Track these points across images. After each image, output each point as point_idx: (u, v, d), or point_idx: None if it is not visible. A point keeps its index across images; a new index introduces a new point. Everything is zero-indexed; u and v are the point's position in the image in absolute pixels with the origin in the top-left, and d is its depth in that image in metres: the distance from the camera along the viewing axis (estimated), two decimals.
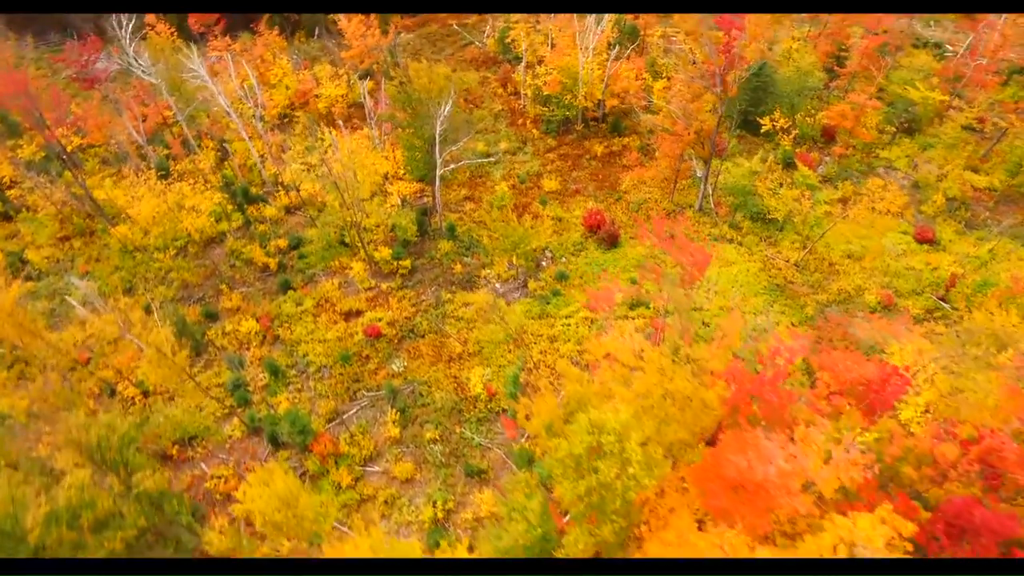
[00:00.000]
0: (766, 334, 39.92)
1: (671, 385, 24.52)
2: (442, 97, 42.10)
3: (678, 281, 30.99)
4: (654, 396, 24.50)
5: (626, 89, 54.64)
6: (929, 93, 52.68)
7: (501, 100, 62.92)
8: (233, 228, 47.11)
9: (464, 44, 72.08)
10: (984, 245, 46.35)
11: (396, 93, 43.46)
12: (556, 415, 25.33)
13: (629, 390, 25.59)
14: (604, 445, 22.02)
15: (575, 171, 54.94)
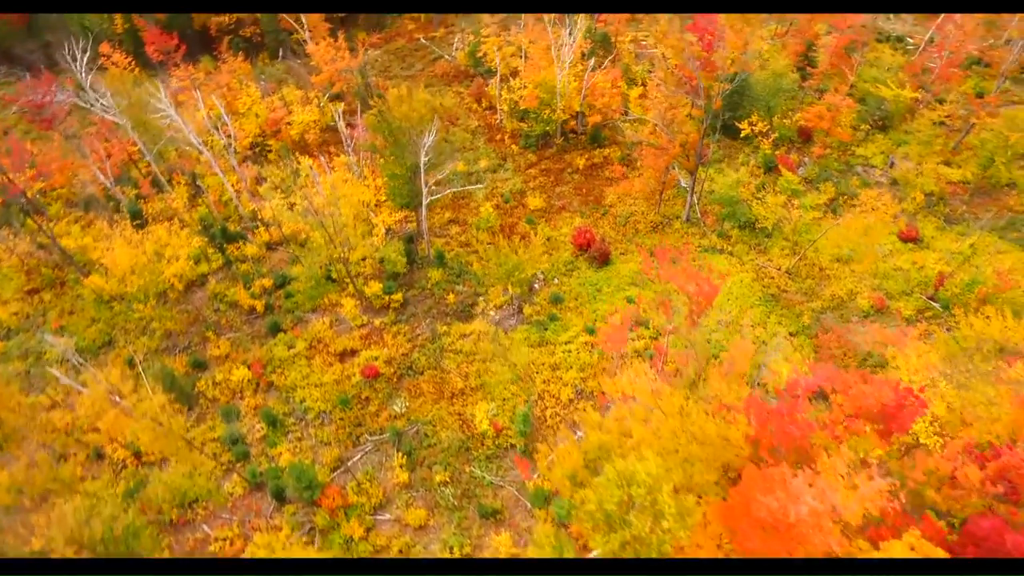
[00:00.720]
0: (766, 347, 40.11)
1: (693, 427, 24.19)
2: (424, 126, 41.06)
3: (686, 312, 30.64)
4: (677, 437, 24.13)
5: (607, 104, 54.21)
6: (901, 91, 53.46)
7: (477, 116, 62.01)
8: (214, 269, 45.45)
9: (433, 58, 70.88)
10: (965, 240, 47.26)
11: (375, 122, 42.26)
12: (579, 464, 24.82)
13: (648, 430, 25.20)
14: (635, 497, 21.61)
15: (558, 186, 54.43)
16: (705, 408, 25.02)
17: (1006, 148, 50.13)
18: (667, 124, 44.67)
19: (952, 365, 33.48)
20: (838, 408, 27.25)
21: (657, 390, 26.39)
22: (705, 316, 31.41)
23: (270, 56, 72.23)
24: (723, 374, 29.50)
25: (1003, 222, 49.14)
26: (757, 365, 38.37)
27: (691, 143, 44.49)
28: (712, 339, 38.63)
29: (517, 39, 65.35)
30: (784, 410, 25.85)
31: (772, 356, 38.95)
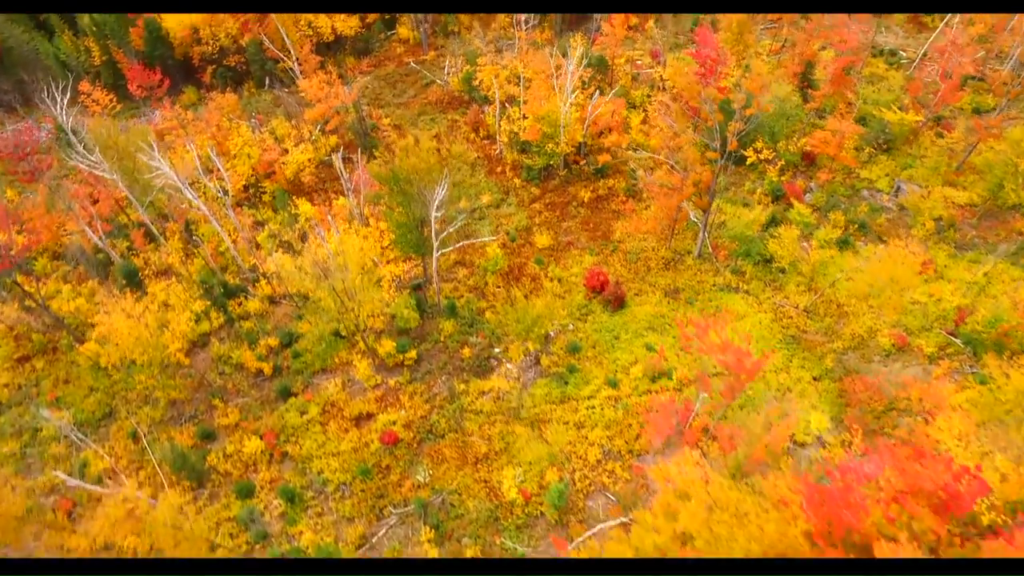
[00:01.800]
0: (790, 393, 39.46)
1: (751, 526, 23.25)
2: (434, 178, 39.60)
3: (721, 388, 29.66)
4: (735, 538, 23.18)
5: (615, 142, 53.02)
6: (905, 116, 53.06)
7: (475, 146, 60.50)
8: (215, 328, 43.59)
9: (425, 84, 69.13)
10: (979, 269, 47.01)
11: (381, 173, 40.64)
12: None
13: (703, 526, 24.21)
14: None
15: (564, 221, 53.27)
16: (760, 503, 24.10)
17: (1016, 174, 49.97)
18: (679, 162, 43.67)
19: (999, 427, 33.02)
20: (888, 484, 26.56)
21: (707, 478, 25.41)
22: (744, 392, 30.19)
23: (256, 85, 69.96)
24: (764, 445, 28.69)
25: (1015, 247, 49.00)
26: (784, 415, 37.71)
27: (704, 182, 43.57)
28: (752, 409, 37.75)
29: (512, 64, 64.01)
30: (838, 493, 25.05)
31: (797, 406, 38.37)
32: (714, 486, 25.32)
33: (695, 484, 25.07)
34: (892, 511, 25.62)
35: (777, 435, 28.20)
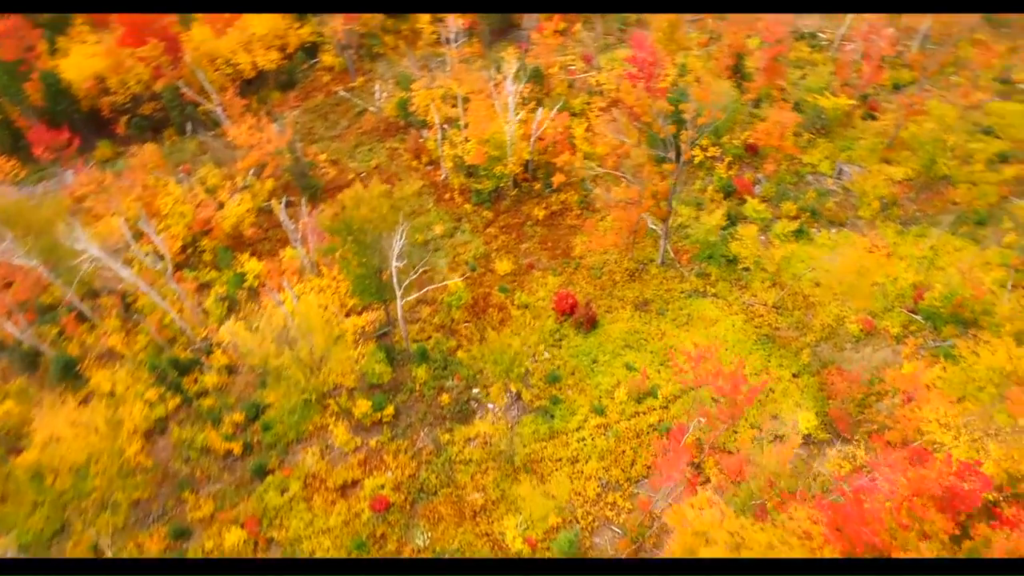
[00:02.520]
0: (773, 394, 39.64)
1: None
2: (390, 226, 37.79)
3: (723, 418, 29.23)
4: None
5: (566, 159, 52.07)
6: (838, 101, 54.35)
7: (419, 174, 58.64)
8: (172, 410, 40.52)
9: (358, 112, 66.57)
10: (925, 243, 48.61)
11: (332, 225, 38.52)
12: None
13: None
14: None
15: (522, 242, 52.17)
16: (783, 536, 23.73)
17: (945, 148, 51.93)
18: (635, 176, 43.26)
19: (975, 403, 33.94)
20: (896, 492, 26.70)
21: (723, 515, 24.88)
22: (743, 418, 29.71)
23: (177, 132, 65.73)
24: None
25: (952, 217, 50.96)
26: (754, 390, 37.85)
27: (662, 193, 43.27)
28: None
29: (446, 84, 62.36)
30: (853, 510, 24.99)
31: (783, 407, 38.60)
32: (732, 521, 24.85)
33: (712, 525, 24.51)
34: (904, 518, 25.77)
35: (781, 457, 28.00)
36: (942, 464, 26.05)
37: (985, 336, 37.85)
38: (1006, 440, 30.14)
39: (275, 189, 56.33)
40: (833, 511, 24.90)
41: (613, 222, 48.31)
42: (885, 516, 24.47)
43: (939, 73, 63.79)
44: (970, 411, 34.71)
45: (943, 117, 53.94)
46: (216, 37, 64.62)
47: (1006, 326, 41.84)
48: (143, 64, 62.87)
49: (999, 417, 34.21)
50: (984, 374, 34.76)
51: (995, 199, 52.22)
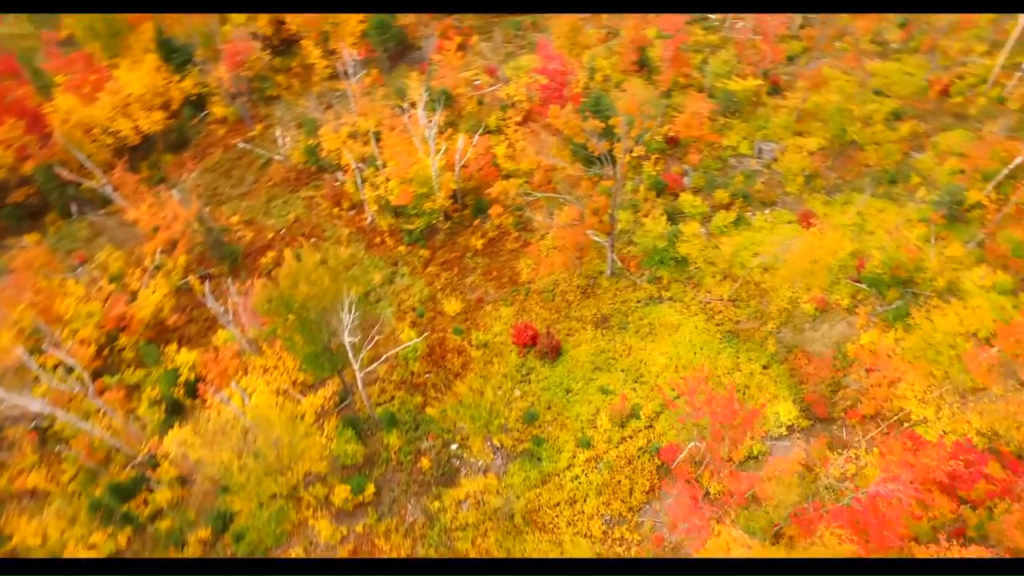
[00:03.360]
0: (748, 391, 39.87)
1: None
2: (333, 298, 35.09)
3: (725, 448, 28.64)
4: None
5: (501, 188, 50.39)
6: (746, 83, 55.47)
7: (342, 221, 55.51)
8: (124, 546, 36.21)
9: (263, 164, 62.32)
10: (851, 209, 50.39)
11: (268, 307, 35.32)
12: None
13: None
14: None
15: (466, 277, 50.32)
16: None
17: (852, 118, 54.08)
18: (573, 194, 42.32)
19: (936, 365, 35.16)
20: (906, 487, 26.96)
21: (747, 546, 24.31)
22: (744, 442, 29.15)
23: (61, 216, 59.42)
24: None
25: (868, 180, 53.15)
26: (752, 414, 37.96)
27: (602, 208, 42.54)
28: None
29: (353, 121, 59.41)
30: (872, 517, 25.00)
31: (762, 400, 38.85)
32: (762, 552, 24.34)
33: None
34: (916, 509, 26.05)
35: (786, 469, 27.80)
36: (937, 448, 26.59)
37: (934, 301, 39.45)
38: (979, 402, 31.25)
39: (190, 263, 51.84)
40: (853, 519, 24.84)
41: (556, 242, 47.22)
42: (903, 514, 24.63)
43: (828, 43, 66.56)
44: (935, 376, 36.05)
45: (843, 87, 56.13)
46: (86, 105, 58.79)
47: (938, 280, 44.08)
48: (3, 147, 56.41)
49: (961, 378, 35.70)
50: (940, 338, 36.10)
51: (899, 156, 54.89)
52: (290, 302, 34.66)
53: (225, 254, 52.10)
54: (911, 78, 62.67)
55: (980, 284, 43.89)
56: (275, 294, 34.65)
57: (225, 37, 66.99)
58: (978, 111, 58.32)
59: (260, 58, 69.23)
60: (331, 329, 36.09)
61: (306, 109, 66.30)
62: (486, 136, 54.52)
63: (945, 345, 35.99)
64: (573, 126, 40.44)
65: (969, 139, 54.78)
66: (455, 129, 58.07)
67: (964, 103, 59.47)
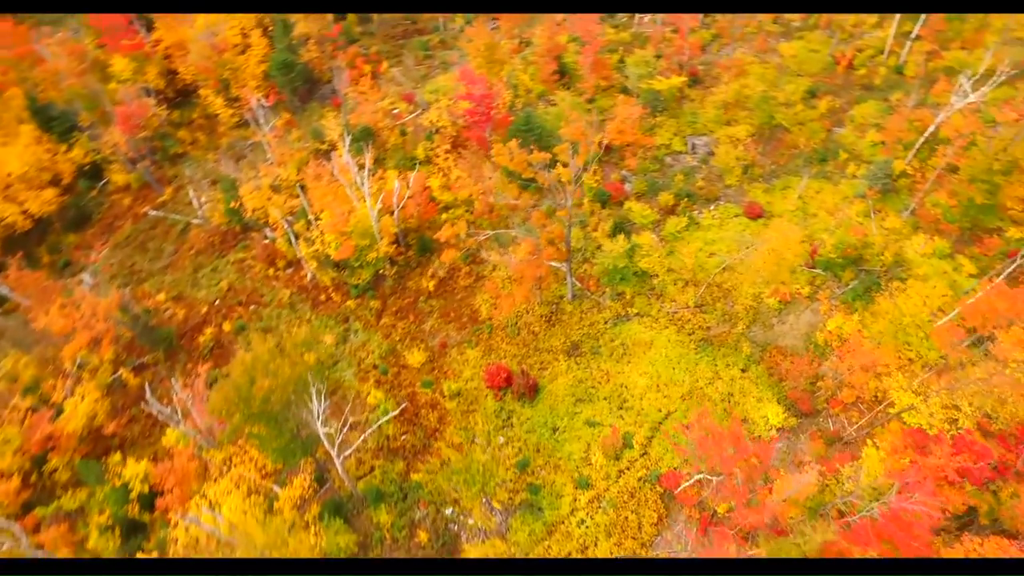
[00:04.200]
0: (732, 398, 39.68)
1: None
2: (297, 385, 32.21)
3: (742, 479, 27.84)
4: None
5: (450, 231, 48.00)
6: (671, 81, 55.46)
7: (281, 282, 51.87)
8: None
9: (181, 230, 57.45)
10: (792, 194, 51.27)
11: (224, 407, 31.99)
12: None
13: None
14: None
15: (423, 323, 47.98)
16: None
17: (779, 105, 55.04)
18: (527, 228, 40.83)
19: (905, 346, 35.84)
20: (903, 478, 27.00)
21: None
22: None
23: None
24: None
25: (800, 162, 54.30)
26: (742, 420, 37.81)
27: (558, 237, 41.27)
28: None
29: (272, 172, 55.86)
30: (896, 526, 24.83)
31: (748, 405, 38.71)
32: None
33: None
34: (935, 510, 26.07)
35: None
36: (939, 444, 26.78)
37: (896, 284, 40.40)
38: (958, 381, 31.90)
39: (119, 355, 46.99)
40: (879, 534, 24.60)
41: (514, 273, 45.53)
42: (925, 519, 24.60)
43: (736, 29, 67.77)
44: (905, 358, 36.85)
45: (764, 74, 57.11)
46: None
47: (885, 254, 45.40)
48: None
49: (931, 356, 36.63)
50: (908, 321, 36.90)
51: (823, 134, 56.42)
52: (249, 399, 31.55)
53: (157, 339, 47.64)
54: (817, 55, 64.57)
55: (921, 252, 45.54)
56: (232, 394, 31.41)
57: (113, 97, 61.47)
58: (882, 81, 60.78)
59: (157, 115, 64.09)
60: (299, 419, 33.20)
61: (218, 164, 61.91)
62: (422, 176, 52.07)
63: (913, 327, 36.82)
64: (519, 161, 38.82)
65: (881, 110, 56.89)
66: (383, 167, 55.46)
67: (869, 74, 61.79)
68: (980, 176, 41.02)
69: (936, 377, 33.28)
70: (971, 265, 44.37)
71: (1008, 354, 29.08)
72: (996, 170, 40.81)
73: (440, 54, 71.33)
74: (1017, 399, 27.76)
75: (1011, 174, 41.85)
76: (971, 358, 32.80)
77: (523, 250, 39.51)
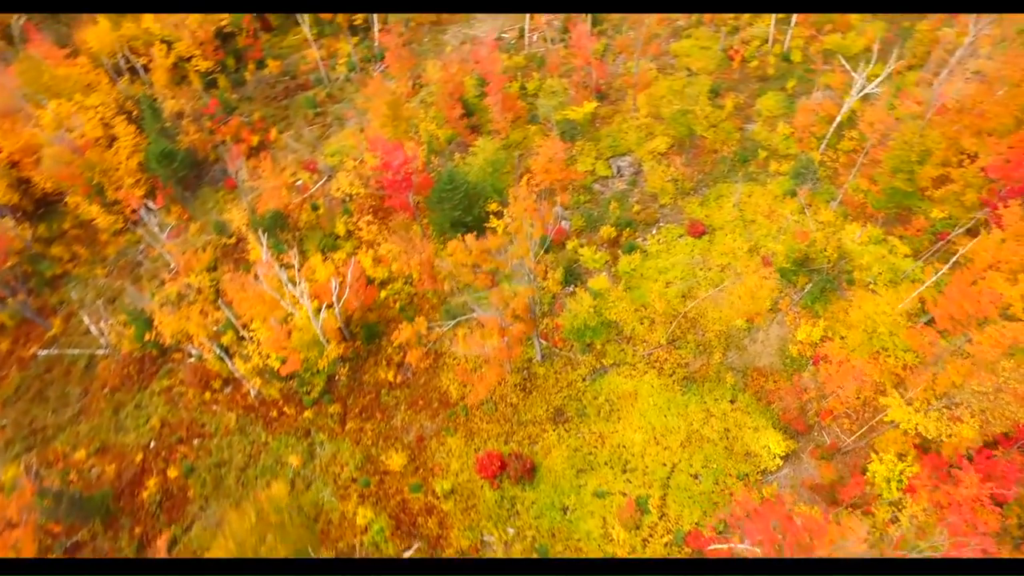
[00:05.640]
0: (728, 434, 39.42)
1: None
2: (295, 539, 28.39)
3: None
4: None
5: (406, 335, 44.29)
6: (584, 108, 54.30)
7: (222, 405, 46.52)
8: None
9: (86, 366, 50.17)
10: (726, 202, 51.70)
11: None
12: None
13: None
14: None
15: (392, 418, 44.51)
16: None
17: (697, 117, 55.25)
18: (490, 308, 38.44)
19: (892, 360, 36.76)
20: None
21: None
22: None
23: None
24: None
25: (725, 167, 54.94)
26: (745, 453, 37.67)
27: (523, 310, 39.14)
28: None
29: (180, 282, 50.17)
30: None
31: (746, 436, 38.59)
32: None
33: None
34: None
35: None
36: (966, 472, 27.22)
37: (851, 291, 41.39)
38: (956, 393, 32.65)
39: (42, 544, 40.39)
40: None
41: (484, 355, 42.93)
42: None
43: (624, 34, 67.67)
44: (887, 364, 37.83)
45: (671, 85, 57.19)
46: None
47: (827, 250, 46.71)
48: None
49: (907, 356, 37.77)
50: (884, 329, 37.80)
51: (736, 134, 57.36)
52: None
53: (89, 509, 41.43)
54: (709, 51, 65.59)
55: (858, 242, 47.19)
56: None
57: None
58: (774, 71, 62.60)
59: (19, 235, 55.95)
60: None
61: (110, 278, 54.99)
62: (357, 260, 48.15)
63: (885, 333, 37.81)
64: (479, 255, 36.27)
65: (781, 100, 58.39)
66: (304, 253, 51.06)
67: (762, 65, 63.51)
68: (901, 167, 42.73)
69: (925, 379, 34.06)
70: (904, 246, 46.40)
71: (986, 355, 30.03)
72: (913, 160, 42.62)
73: (331, 109, 66.69)
74: (1017, 407, 28.79)
75: (925, 161, 43.89)
76: (948, 357, 33.82)
77: (492, 336, 37.07)
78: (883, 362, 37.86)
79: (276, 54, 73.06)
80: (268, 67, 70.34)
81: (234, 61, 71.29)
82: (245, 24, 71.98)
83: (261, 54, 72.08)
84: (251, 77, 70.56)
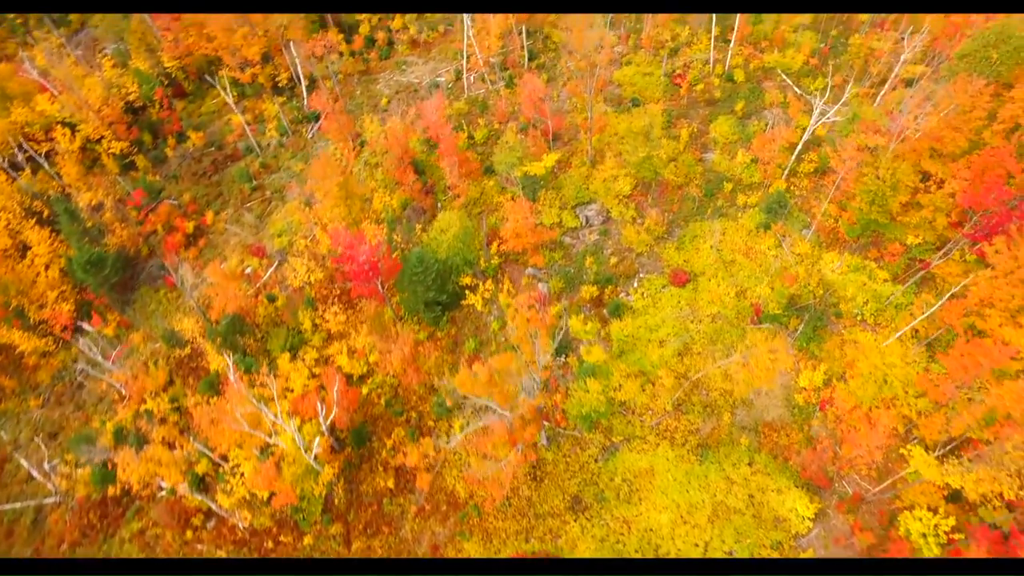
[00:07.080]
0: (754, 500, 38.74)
1: None
2: None
3: None
4: None
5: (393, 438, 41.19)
6: (545, 162, 52.18)
7: (209, 543, 42.19)
8: None
9: (32, 521, 44.44)
10: (702, 243, 50.90)
11: None
12: None
13: None
14: None
15: (400, 529, 41.66)
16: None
17: (657, 157, 54.09)
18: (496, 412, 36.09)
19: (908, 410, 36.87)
20: None
21: None
22: None
23: None
24: None
25: (692, 204, 54.19)
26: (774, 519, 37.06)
27: (530, 411, 36.99)
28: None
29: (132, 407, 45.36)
30: None
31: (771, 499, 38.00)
32: None
33: None
34: None
35: None
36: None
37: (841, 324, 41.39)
38: (988, 454, 32.68)
39: None
40: None
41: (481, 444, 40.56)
42: None
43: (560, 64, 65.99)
44: (906, 415, 37.94)
45: (629, 124, 55.90)
46: None
47: (811, 284, 46.77)
48: None
49: (920, 403, 38.00)
50: (888, 370, 37.83)
51: (697, 167, 56.55)
52: None
53: None
54: (652, 77, 64.70)
55: (837, 272, 47.45)
56: None
57: None
58: (721, 93, 62.27)
59: None
60: None
61: (48, 410, 49.06)
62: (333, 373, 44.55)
63: (897, 384, 37.89)
64: (488, 379, 33.69)
65: (734, 124, 58.06)
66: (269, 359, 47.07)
67: (707, 88, 63.10)
68: (876, 200, 42.99)
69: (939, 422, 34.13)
70: (881, 271, 46.94)
71: (1011, 409, 30.28)
72: (887, 193, 42.97)
73: (268, 181, 61.91)
74: None
75: (897, 189, 44.36)
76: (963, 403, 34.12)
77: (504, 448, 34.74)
78: (897, 408, 37.93)
79: (196, 124, 67.26)
80: (190, 139, 64.51)
81: (151, 137, 65.13)
82: (157, 96, 65.67)
83: (180, 125, 66.11)
84: (173, 153, 64.69)
